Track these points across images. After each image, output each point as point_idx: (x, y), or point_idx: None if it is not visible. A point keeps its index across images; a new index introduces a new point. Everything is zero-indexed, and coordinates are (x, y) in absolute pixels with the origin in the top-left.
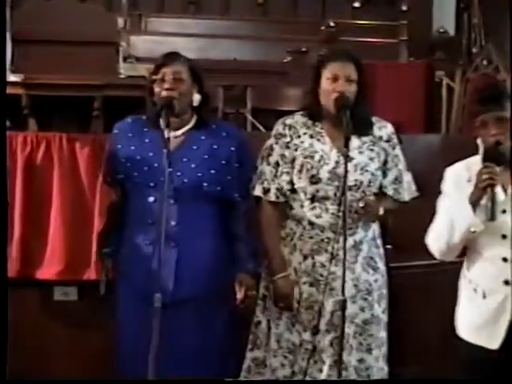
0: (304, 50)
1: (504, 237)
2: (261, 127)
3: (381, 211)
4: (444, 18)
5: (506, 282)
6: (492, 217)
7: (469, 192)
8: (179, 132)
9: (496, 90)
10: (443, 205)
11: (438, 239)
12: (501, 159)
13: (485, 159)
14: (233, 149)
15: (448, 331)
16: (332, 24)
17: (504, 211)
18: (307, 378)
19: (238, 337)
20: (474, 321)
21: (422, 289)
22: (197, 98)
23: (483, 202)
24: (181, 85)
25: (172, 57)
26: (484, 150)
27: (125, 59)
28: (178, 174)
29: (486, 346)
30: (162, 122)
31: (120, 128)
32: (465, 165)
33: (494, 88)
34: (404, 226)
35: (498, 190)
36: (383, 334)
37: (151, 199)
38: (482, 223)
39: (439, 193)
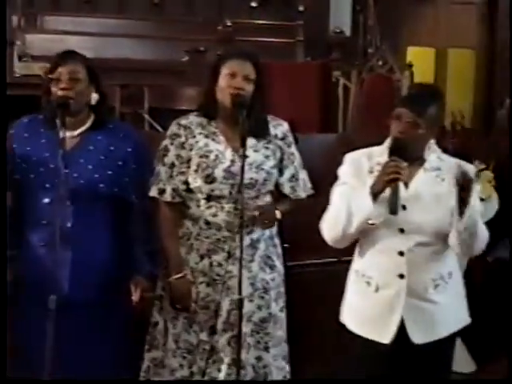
0: (201, 49)
1: (402, 231)
2: (158, 127)
3: (278, 215)
4: (340, 18)
5: (401, 276)
6: (394, 210)
7: (369, 183)
8: (75, 132)
9: (424, 92)
10: (341, 190)
11: (334, 226)
12: (407, 155)
13: (392, 153)
14: (129, 150)
15: (346, 328)
16: (229, 24)
17: (404, 206)
18: (206, 378)
19: (138, 338)
20: (365, 315)
21: (320, 286)
22: (94, 97)
23: (384, 194)
24: (77, 84)
25: (68, 56)
26: (392, 143)
27: (20, 58)
28: (75, 175)
29: (378, 339)
30: (57, 122)
31: (16, 128)
32: (366, 154)
33: (422, 89)
34: (301, 224)
35: (401, 184)
36: (281, 333)
37: (46, 200)
38: (382, 216)
39: None
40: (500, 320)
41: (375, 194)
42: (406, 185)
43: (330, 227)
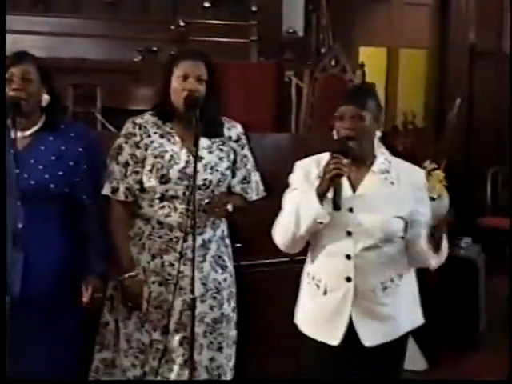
0: (154, 49)
1: (349, 234)
2: (110, 127)
3: (229, 208)
4: (293, 18)
5: (348, 279)
6: (336, 206)
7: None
8: (27, 133)
9: (362, 88)
10: (291, 197)
11: (284, 231)
12: (349, 152)
13: (335, 150)
14: (81, 150)
15: (297, 329)
16: (182, 23)
17: (351, 209)
18: (159, 378)
19: (90, 338)
20: (315, 317)
21: (271, 287)
22: (46, 98)
23: (330, 194)
24: (29, 85)
25: (20, 56)
26: (338, 144)
27: None
28: (25, 175)
29: (328, 342)
30: (8, 123)
31: None
32: (315, 160)
33: (358, 86)
34: (253, 224)
35: (346, 184)
36: (233, 333)
37: None
38: (329, 214)
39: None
40: (451, 317)
41: (321, 194)
42: (354, 188)
43: (281, 233)
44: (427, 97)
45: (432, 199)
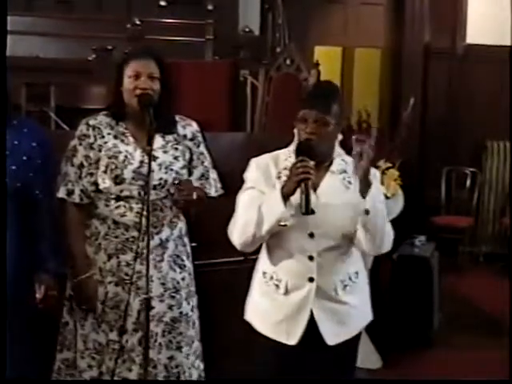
0: (109, 47)
1: (311, 236)
2: (64, 126)
3: (194, 195)
4: (249, 17)
5: (311, 279)
6: (307, 210)
7: (278, 187)
8: None
9: (326, 89)
10: (249, 195)
11: (244, 231)
12: (312, 154)
13: (298, 153)
14: (34, 144)
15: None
16: (138, 22)
17: (312, 211)
18: (116, 378)
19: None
20: (273, 316)
21: (229, 285)
22: None
23: (294, 196)
24: None
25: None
26: (299, 145)
27: None
28: None
29: (285, 341)
30: None
31: None
32: (272, 158)
33: (323, 87)
34: (208, 223)
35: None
36: (193, 332)
37: None
38: (293, 217)
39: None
40: (404, 316)
41: (285, 196)
42: (315, 189)
43: (240, 232)
44: (382, 96)
45: (387, 197)
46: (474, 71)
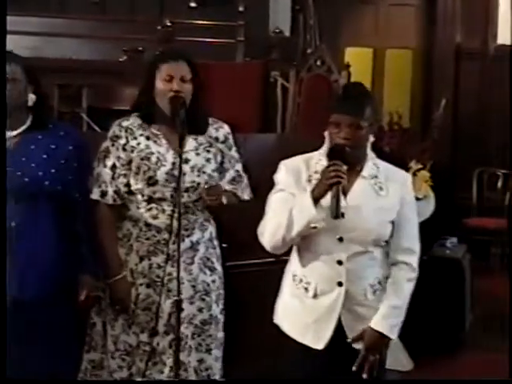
0: (140, 49)
1: (340, 240)
2: (96, 127)
3: (224, 200)
4: (280, 18)
5: (340, 284)
6: (336, 215)
7: (309, 189)
8: (15, 132)
9: (358, 93)
10: (280, 197)
11: (275, 233)
12: (345, 158)
13: (331, 157)
14: (71, 148)
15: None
16: (169, 23)
17: (342, 215)
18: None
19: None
20: (301, 319)
21: (259, 287)
22: (31, 98)
23: (325, 199)
24: (15, 85)
25: (6, 56)
26: (331, 147)
27: None
28: (19, 173)
29: (312, 345)
30: None
31: None
32: (304, 161)
33: (355, 90)
34: (239, 224)
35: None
36: (222, 334)
37: None
38: (324, 220)
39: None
40: (436, 318)
41: (316, 199)
42: (345, 193)
43: (271, 234)
44: (413, 97)
45: (418, 199)
46: (505, 72)
